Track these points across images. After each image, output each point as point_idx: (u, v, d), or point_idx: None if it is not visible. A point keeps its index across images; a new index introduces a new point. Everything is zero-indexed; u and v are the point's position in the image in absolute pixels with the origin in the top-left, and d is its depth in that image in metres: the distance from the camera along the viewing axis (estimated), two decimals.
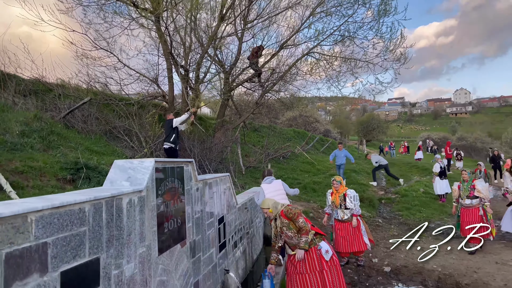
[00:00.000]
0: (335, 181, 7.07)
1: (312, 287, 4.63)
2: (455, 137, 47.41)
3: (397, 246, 8.50)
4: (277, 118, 34.90)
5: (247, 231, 6.82)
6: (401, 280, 6.60)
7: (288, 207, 4.80)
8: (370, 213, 11.45)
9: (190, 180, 3.79)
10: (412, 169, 21.46)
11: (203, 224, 4.14)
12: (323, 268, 4.69)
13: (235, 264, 5.73)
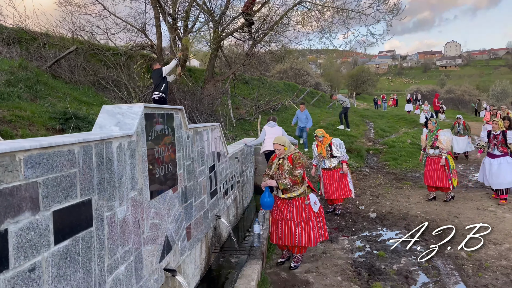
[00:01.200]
0: (317, 136, 7.09)
1: (295, 233, 4.73)
2: (444, 90, 47.52)
3: (383, 193, 8.76)
4: (267, 71, 34.39)
5: (238, 180, 6.92)
6: (385, 225, 6.83)
7: (298, 154, 4.75)
8: (358, 163, 11.64)
9: (180, 127, 3.76)
10: (400, 121, 21.64)
11: (194, 171, 4.17)
12: (310, 217, 4.79)
13: (226, 211, 5.85)
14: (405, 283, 4.70)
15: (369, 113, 24.60)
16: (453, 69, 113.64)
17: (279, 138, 4.77)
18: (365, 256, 5.52)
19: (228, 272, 4.80)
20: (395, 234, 6.41)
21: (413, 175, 10.76)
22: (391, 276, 4.87)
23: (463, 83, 53.40)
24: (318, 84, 37.65)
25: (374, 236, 6.33)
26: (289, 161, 4.67)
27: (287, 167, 4.67)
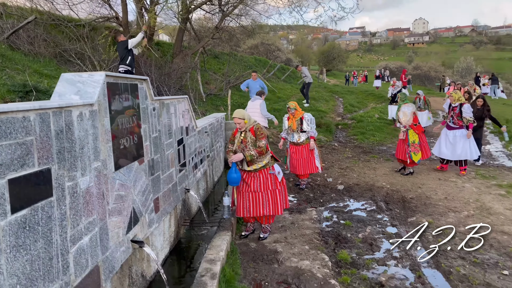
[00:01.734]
0: (290, 108, 6.97)
1: (263, 204, 4.82)
2: (411, 66, 48.46)
3: (350, 166, 8.96)
4: (238, 46, 33.91)
5: (207, 154, 6.89)
6: (352, 196, 7.02)
7: (259, 125, 4.78)
8: (327, 138, 11.83)
9: (146, 98, 3.68)
10: (368, 96, 22.01)
11: (161, 144, 4.11)
12: (276, 187, 4.87)
13: (196, 184, 5.84)
14: (370, 250, 4.88)
15: (339, 89, 24.87)
16: (420, 46, 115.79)
17: (239, 111, 4.76)
18: (332, 225, 5.67)
19: (198, 244, 4.84)
20: (361, 204, 6.60)
21: (379, 148, 11.05)
22: (357, 243, 5.04)
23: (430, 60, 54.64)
24: (289, 60, 37.52)
25: (341, 206, 6.50)
26: (252, 133, 4.71)
27: (250, 140, 4.70)
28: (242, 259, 4.51)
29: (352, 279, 4.14)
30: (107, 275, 2.69)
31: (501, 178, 7.84)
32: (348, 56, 77.82)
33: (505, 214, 5.90)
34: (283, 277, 4.07)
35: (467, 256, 4.59)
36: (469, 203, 6.41)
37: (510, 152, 10.33)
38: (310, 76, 15.66)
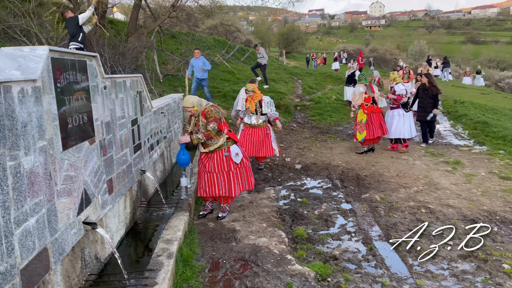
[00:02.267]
0: (248, 91, 6.87)
1: (218, 184, 4.85)
2: (368, 49, 49.57)
3: (308, 146, 9.13)
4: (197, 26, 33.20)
5: (164, 135, 6.77)
6: (309, 175, 7.18)
7: (210, 108, 4.73)
8: (286, 119, 11.94)
9: (96, 76, 3.54)
10: (327, 78, 22.35)
11: (114, 123, 3.99)
12: (230, 169, 4.89)
13: (153, 166, 5.75)
14: (325, 225, 5.04)
15: (298, 71, 25.05)
16: (377, 29, 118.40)
17: (187, 99, 4.73)
18: (289, 203, 5.79)
19: (156, 225, 4.79)
20: (318, 182, 6.77)
21: (336, 128, 11.31)
22: (313, 220, 5.18)
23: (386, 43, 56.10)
24: (249, 41, 37.20)
25: (299, 185, 6.64)
26: (203, 116, 4.69)
27: (202, 123, 4.71)
28: (200, 239, 4.52)
29: (307, 253, 4.27)
30: (56, 258, 2.62)
31: (448, 156, 8.28)
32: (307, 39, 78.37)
33: (450, 188, 6.26)
34: (240, 254, 4.13)
35: (415, 228, 4.85)
36: (419, 179, 6.74)
37: (457, 131, 10.90)
38: (267, 58, 15.49)
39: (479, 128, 10.56)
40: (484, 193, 6.04)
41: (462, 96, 16.51)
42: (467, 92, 19.56)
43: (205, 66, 10.86)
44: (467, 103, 14.28)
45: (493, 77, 37.78)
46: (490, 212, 5.30)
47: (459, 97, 15.88)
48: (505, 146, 8.88)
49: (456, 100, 14.99)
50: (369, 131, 8.13)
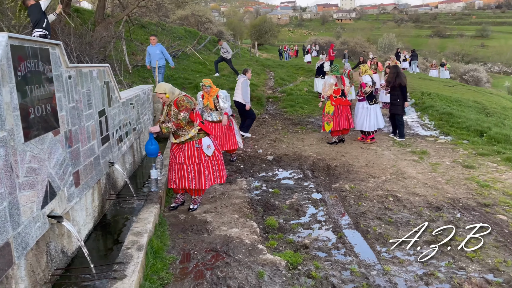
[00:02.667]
0: (204, 86, 6.49)
1: (188, 177, 4.81)
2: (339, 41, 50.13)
3: (280, 137, 9.18)
4: (167, 16, 32.65)
5: (134, 127, 6.65)
6: (281, 166, 7.22)
7: (183, 98, 4.66)
8: (258, 110, 11.94)
9: (60, 65, 3.42)
10: (298, 70, 22.48)
11: (80, 114, 3.88)
12: (201, 161, 4.86)
13: (122, 158, 5.64)
14: (296, 215, 5.10)
15: (270, 63, 25.07)
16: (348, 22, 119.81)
17: (160, 86, 4.65)
18: (261, 194, 5.82)
19: (126, 218, 4.71)
20: (289, 173, 6.82)
21: (308, 120, 11.42)
22: (284, 210, 5.23)
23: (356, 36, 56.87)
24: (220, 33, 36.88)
25: (271, 176, 6.68)
26: (175, 106, 4.62)
27: (173, 113, 4.65)
28: (171, 231, 4.49)
29: (278, 243, 4.31)
30: (20, 252, 2.53)
31: (415, 146, 8.52)
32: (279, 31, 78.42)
33: (417, 177, 6.46)
34: (212, 245, 4.13)
35: (383, 216, 4.98)
36: (387, 169, 6.91)
37: (424, 122, 11.23)
38: (231, 52, 15.27)
39: (445, 119, 10.91)
40: (448, 181, 6.26)
41: (429, 88, 16.99)
42: (434, 84, 20.14)
43: (165, 55, 10.36)
44: (434, 95, 14.72)
45: (458, 70, 39.03)
46: (454, 199, 5.51)
47: (426, 89, 16.35)
48: (468, 136, 9.22)
49: (423, 92, 15.42)
50: (335, 123, 8.26)
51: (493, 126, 9.96)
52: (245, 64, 20.64)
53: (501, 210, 5.08)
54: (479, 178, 6.37)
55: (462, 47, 76.16)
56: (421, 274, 3.67)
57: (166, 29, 19.11)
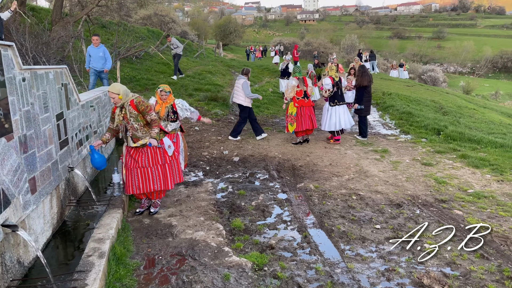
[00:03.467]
0: (164, 92, 5.83)
1: (153, 179, 4.72)
2: (303, 42, 50.81)
3: (245, 138, 9.19)
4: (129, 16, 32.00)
5: (95, 130, 6.46)
6: (247, 167, 7.23)
7: (140, 99, 4.57)
8: (223, 111, 11.92)
9: (12, 67, 3.27)
10: (264, 71, 22.60)
11: (35, 118, 3.72)
12: (166, 161, 4.80)
13: (82, 162, 5.46)
14: (262, 216, 5.12)
15: (235, 64, 25.07)
16: (311, 23, 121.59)
17: (114, 85, 4.46)
18: (227, 196, 5.80)
19: (87, 225, 4.57)
20: (255, 174, 6.84)
21: (273, 121, 11.50)
22: (250, 211, 5.24)
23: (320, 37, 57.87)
24: (185, 33, 36.55)
25: (237, 177, 6.67)
26: (133, 107, 4.50)
27: (131, 115, 4.51)
28: (135, 236, 4.40)
29: (245, 244, 4.31)
30: None
31: (377, 145, 8.77)
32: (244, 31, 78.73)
33: (379, 175, 6.64)
34: (177, 249, 4.08)
35: (347, 215, 5.09)
36: (350, 168, 7.07)
37: (385, 121, 11.58)
38: (181, 47, 14.98)
39: (404, 118, 11.30)
40: (408, 178, 6.48)
41: (389, 88, 17.55)
42: (394, 84, 20.81)
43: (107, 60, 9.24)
44: (394, 94, 15.22)
45: (417, 70, 40.62)
46: (413, 196, 5.71)
47: (386, 89, 16.88)
48: (427, 135, 9.59)
49: (384, 92, 15.91)
50: (298, 124, 8.39)
51: (449, 124, 10.42)
52: (210, 65, 20.54)
53: (457, 206, 5.32)
54: (436, 175, 6.63)
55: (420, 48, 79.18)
56: (383, 270, 3.78)
57: (128, 29, 18.69)
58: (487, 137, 9.25)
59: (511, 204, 5.32)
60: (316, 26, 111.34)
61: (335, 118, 8.67)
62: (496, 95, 50.75)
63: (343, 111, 8.77)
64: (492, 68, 73.98)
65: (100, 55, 9.17)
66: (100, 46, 9.26)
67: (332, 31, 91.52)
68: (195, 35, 42.70)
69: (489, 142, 8.74)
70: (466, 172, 6.85)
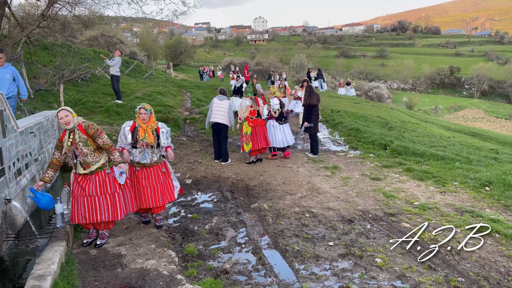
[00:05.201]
0: (144, 109, 4.94)
1: (100, 209, 4.50)
2: (254, 62, 51.62)
3: (198, 160, 9.08)
4: (74, 37, 31.12)
5: (35, 157, 6.11)
6: (200, 189, 7.12)
7: (88, 123, 4.40)
8: (175, 133, 11.74)
9: None
10: (215, 91, 22.54)
11: None
12: (115, 190, 4.61)
13: (22, 193, 5.12)
14: (216, 239, 5.03)
15: (187, 84, 24.93)
16: (261, 43, 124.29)
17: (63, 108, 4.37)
18: (179, 220, 5.66)
19: (27, 261, 4.26)
20: (209, 196, 6.75)
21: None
22: (204, 235, 5.14)
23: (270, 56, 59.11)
24: (133, 54, 36.06)
25: (189, 200, 6.54)
26: (82, 131, 4.33)
27: (80, 139, 4.34)
28: (81, 269, 4.15)
29: (198, 271, 4.20)
30: None
31: (328, 161, 8.98)
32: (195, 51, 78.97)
33: (330, 192, 6.78)
34: (126, 280, 3.90)
35: (301, 233, 5.12)
36: (303, 185, 7.16)
37: (335, 138, 11.91)
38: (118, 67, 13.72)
39: (353, 134, 11.69)
40: (358, 194, 6.66)
41: (338, 106, 18.15)
42: (342, 101, 21.56)
43: (17, 81, 7.54)
44: (342, 112, 15.74)
45: (363, 88, 42.41)
46: (364, 211, 5.86)
47: (335, 107, 17.43)
48: (374, 150, 9.96)
49: (333, 109, 16.42)
50: (254, 143, 8.50)
51: (395, 139, 10.90)
52: (160, 86, 20.28)
53: (404, 218, 5.52)
54: (385, 189, 6.87)
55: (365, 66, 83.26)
56: None
57: (72, 50, 18.09)
58: (429, 150, 9.76)
59: (453, 215, 5.60)
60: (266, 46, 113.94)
61: (281, 135, 9.02)
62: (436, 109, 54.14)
63: (287, 128, 9.22)
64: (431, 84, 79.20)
65: (7, 77, 7.34)
66: (6, 65, 7.44)
67: (282, 51, 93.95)
68: (145, 55, 42.22)
69: (431, 155, 9.22)
70: (411, 185, 7.15)
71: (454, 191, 6.71)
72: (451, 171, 7.91)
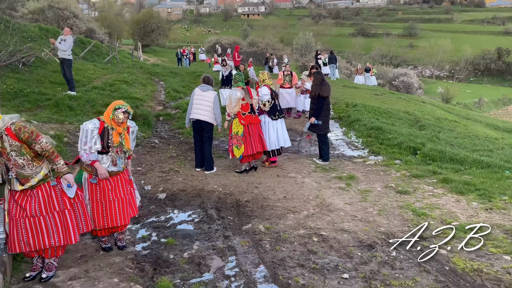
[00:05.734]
0: (127, 113, 5.10)
1: (47, 232, 4.47)
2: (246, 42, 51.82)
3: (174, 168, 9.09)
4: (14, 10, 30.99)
5: None
6: (177, 206, 7.12)
7: (19, 125, 4.26)
8: (144, 134, 11.76)
9: None
10: (196, 79, 22.66)
11: None
12: (65, 207, 4.58)
13: None
14: (197, 271, 5.03)
15: (159, 70, 25.01)
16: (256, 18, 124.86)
17: None
18: (150, 247, 5.66)
19: None
20: (188, 215, 6.76)
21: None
22: (182, 266, 5.14)
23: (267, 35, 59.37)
24: (91, 31, 36.06)
25: (163, 220, 6.55)
26: (12, 136, 4.19)
27: (12, 147, 4.23)
28: None
29: None
30: None
31: (341, 170, 9.02)
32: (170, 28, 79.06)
33: (345, 209, 6.81)
34: None
35: (307, 262, 5.14)
36: (309, 201, 7.19)
37: (350, 139, 11.97)
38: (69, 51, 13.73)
39: (373, 135, 11.75)
40: (380, 211, 6.70)
41: (354, 98, 18.27)
42: (360, 93, 21.72)
43: None
44: (360, 106, 15.84)
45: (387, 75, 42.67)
46: (387, 234, 5.89)
47: (351, 100, 17.55)
48: (401, 155, 10.03)
49: (348, 103, 16.52)
50: (247, 146, 8.31)
51: (427, 141, 10.98)
52: (125, 72, 20.30)
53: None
54: (414, 205, 6.92)
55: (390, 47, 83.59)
56: None
57: (11, 27, 18.06)
58: (472, 155, 9.84)
59: (502, 238, 5.64)
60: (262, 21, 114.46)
61: (274, 135, 8.89)
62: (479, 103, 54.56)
63: (281, 126, 9.08)
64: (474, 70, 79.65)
65: None
66: None
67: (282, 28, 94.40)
68: (105, 34, 42.25)
69: (474, 162, 9.30)
70: (449, 200, 7.20)
71: (503, 208, 6.76)
72: (499, 182, 7.97)
